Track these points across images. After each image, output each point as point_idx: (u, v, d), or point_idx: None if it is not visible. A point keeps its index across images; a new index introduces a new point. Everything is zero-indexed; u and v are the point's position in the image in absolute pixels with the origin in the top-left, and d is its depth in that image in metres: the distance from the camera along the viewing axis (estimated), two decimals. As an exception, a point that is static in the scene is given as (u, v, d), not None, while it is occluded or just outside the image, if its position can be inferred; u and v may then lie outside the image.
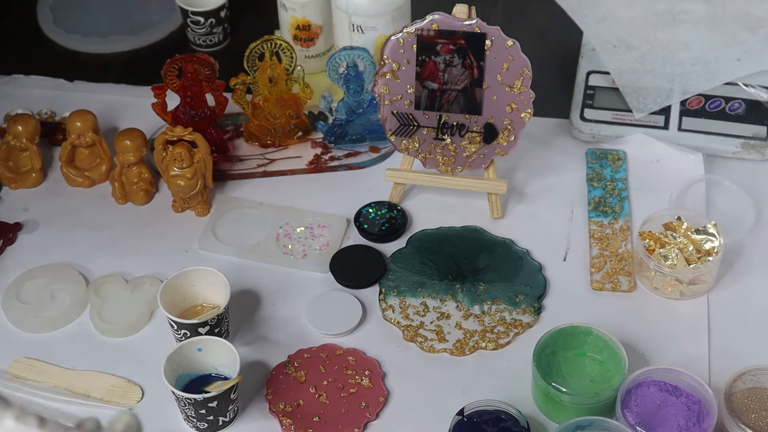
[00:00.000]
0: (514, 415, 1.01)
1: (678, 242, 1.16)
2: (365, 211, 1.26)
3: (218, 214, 1.27)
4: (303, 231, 1.24)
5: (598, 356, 1.08)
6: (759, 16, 1.34)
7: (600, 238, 1.22)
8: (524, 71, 1.16)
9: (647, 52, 1.33)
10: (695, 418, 1.01)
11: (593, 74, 1.34)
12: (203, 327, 1.08)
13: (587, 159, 1.32)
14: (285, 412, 1.07)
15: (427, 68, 1.18)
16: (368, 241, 1.24)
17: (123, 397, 1.09)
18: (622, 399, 1.02)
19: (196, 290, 1.13)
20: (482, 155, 1.22)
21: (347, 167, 1.32)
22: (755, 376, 1.04)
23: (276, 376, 1.10)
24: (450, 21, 1.15)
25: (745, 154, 1.31)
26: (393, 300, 1.17)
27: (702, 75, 1.30)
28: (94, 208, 1.28)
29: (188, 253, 1.23)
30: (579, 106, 1.34)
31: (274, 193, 1.29)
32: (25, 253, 1.23)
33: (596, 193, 1.27)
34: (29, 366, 1.11)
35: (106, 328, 1.14)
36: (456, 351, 1.12)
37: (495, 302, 1.16)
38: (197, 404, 1.02)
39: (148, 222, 1.27)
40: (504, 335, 1.13)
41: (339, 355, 1.11)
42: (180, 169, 1.23)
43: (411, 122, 1.21)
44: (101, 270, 1.21)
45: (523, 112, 1.18)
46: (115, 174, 1.27)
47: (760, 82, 1.30)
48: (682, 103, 1.31)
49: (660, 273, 1.15)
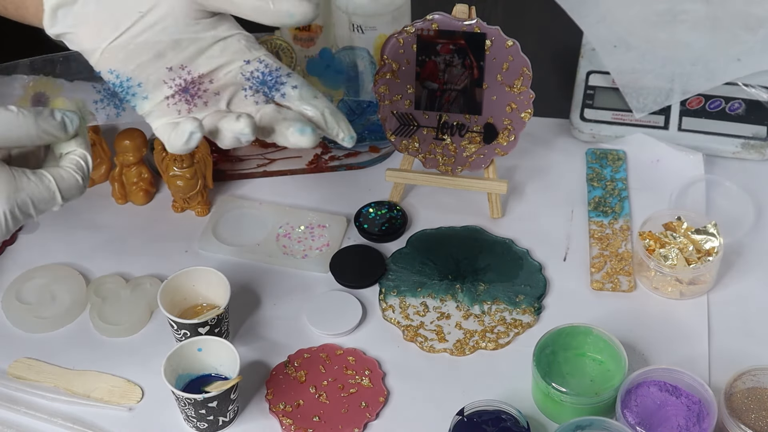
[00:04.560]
0: (514, 415, 1.01)
1: (678, 242, 1.16)
2: (365, 211, 1.26)
3: (218, 214, 1.27)
4: (303, 231, 1.24)
5: (598, 356, 1.08)
6: (759, 16, 1.34)
7: (600, 238, 1.22)
8: (524, 71, 1.16)
9: (647, 52, 1.33)
10: (695, 418, 1.01)
11: (593, 74, 1.34)
12: (203, 327, 1.08)
13: (587, 159, 1.32)
14: (285, 412, 1.07)
15: (427, 68, 1.18)
16: (368, 241, 1.24)
17: (123, 397, 1.09)
18: (622, 399, 1.02)
19: (196, 290, 1.13)
20: (482, 155, 1.22)
21: (347, 167, 1.32)
22: (755, 376, 1.04)
23: (276, 376, 1.10)
24: (450, 21, 1.15)
25: (745, 154, 1.31)
26: (393, 300, 1.17)
27: (702, 75, 1.30)
28: (94, 208, 1.28)
29: (188, 253, 1.23)
30: (579, 106, 1.34)
31: (274, 193, 1.30)
32: (25, 253, 1.23)
33: (596, 193, 1.28)
34: (29, 366, 1.11)
35: (106, 328, 1.14)
36: (456, 351, 1.12)
37: (495, 302, 1.16)
38: (197, 404, 1.02)
39: (148, 222, 1.27)
40: (504, 335, 1.13)
41: (339, 355, 1.12)
42: (180, 169, 1.23)
43: (411, 122, 1.22)
44: (101, 270, 1.21)
45: (523, 112, 1.18)
46: (115, 174, 1.27)
47: (760, 82, 1.30)
48: (682, 103, 1.31)
49: (660, 273, 1.15)
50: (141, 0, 0.94)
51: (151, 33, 0.94)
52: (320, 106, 0.97)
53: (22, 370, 1.11)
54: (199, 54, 0.96)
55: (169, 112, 0.97)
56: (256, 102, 0.98)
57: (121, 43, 0.95)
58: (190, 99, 0.97)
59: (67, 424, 1.06)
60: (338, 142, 0.98)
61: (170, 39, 0.95)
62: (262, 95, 0.98)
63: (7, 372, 1.11)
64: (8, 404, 1.08)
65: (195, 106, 0.97)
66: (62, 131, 0.92)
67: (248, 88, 0.98)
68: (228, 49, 0.97)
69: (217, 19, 0.96)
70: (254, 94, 0.98)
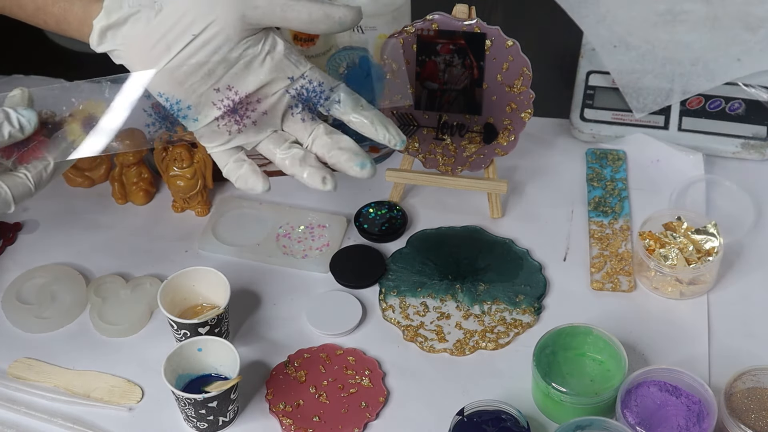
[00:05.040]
0: (514, 415, 1.01)
1: (678, 242, 1.16)
2: (365, 211, 1.26)
3: (218, 214, 1.27)
4: (303, 231, 1.24)
5: (598, 356, 1.08)
6: (759, 16, 1.34)
7: (600, 238, 1.22)
8: (524, 71, 1.16)
9: (647, 52, 1.33)
10: (695, 418, 1.01)
11: (593, 74, 1.34)
12: (203, 327, 1.08)
13: (587, 159, 1.32)
14: (285, 412, 1.07)
15: (427, 68, 1.18)
16: (368, 241, 1.24)
17: (123, 397, 1.08)
18: (622, 399, 1.02)
19: (196, 290, 1.13)
20: (482, 155, 1.22)
21: (347, 167, 1.32)
22: (755, 376, 1.04)
23: (276, 376, 1.10)
24: (450, 21, 1.15)
25: (745, 154, 1.31)
26: (393, 300, 1.17)
27: (702, 75, 1.30)
28: (94, 208, 1.28)
29: (188, 253, 1.23)
30: (579, 106, 1.34)
31: (274, 193, 1.29)
32: (25, 253, 1.23)
33: (596, 193, 1.28)
34: (29, 366, 1.11)
35: (106, 328, 1.14)
36: (456, 351, 1.12)
37: (495, 302, 1.16)
38: (197, 404, 1.02)
39: (148, 222, 1.27)
40: (504, 335, 1.13)
41: (339, 355, 1.12)
42: (180, 169, 1.23)
43: (411, 122, 1.22)
44: (101, 270, 1.21)
45: (523, 112, 1.18)
46: (115, 174, 1.27)
47: (760, 82, 1.30)
48: (682, 103, 1.31)
49: (660, 273, 1.15)
50: (193, 21, 0.94)
51: (203, 53, 0.95)
52: (368, 116, 1.01)
53: (22, 370, 1.11)
54: (247, 69, 0.97)
55: (220, 133, 1.00)
56: (303, 119, 1.01)
57: (175, 64, 0.96)
58: (239, 119, 0.99)
59: (67, 424, 1.06)
60: (389, 146, 1.02)
61: (221, 57, 0.96)
62: (308, 112, 1.00)
63: (7, 372, 1.11)
64: (8, 404, 1.08)
65: (244, 126, 0.99)
66: (20, 133, 0.95)
67: (295, 106, 1.00)
68: (275, 64, 0.98)
69: (264, 33, 0.97)
70: (302, 111, 1.00)
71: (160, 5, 0.95)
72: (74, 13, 0.97)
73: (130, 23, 0.95)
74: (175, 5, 0.94)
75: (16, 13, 1.00)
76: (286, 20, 0.95)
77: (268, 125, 1.01)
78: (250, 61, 0.97)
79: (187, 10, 0.94)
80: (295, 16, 0.95)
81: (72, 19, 0.98)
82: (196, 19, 0.94)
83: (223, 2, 0.94)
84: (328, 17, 0.95)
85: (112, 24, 0.95)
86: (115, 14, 0.95)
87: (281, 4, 0.94)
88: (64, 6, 0.97)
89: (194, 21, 0.94)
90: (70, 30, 0.99)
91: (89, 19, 0.96)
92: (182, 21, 0.94)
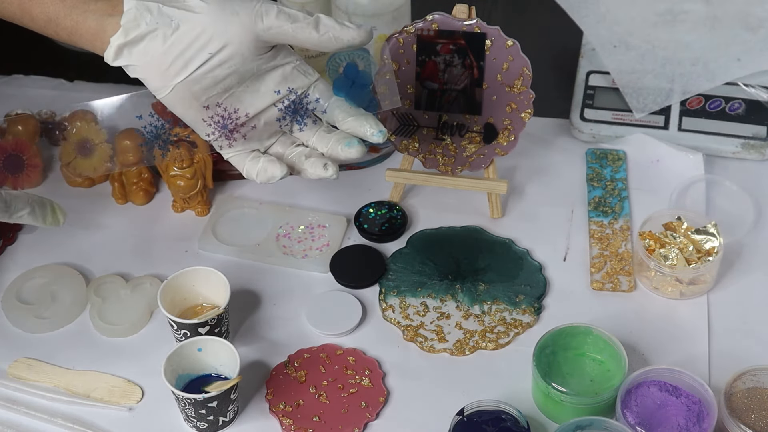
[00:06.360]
0: (514, 415, 1.01)
1: (678, 242, 1.16)
2: (365, 211, 1.26)
3: (218, 214, 1.27)
4: (303, 231, 1.24)
5: (598, 356, 1.08)
6: (759, 16, 1.34)
7: (600, 238, 1.22)
8: (524, 71, 1.16)
9: (647, 52, 1.33)
10: (695, 418, 1.01)
11: (593, 74, 1.34)
12: (203, 327, 1.08)
13: (587, 159, 1.32)
14: (285, 412, 1.07)
15: (427, 68, 1.18)
16: (368, 241, 1.24)
17: (123, 397, 1.09)
18: (622, 399, 1.02)
19: (196, 290, 1.13)
20: (482, 155, 1.22)
21: (347, 167, 1.32)
22: (755, 376, 1.04)
23: (276, 376, 1.10)
24: (450, 21, 1.15)
25: (745, 154, 1.31)
26: (393, 300, 1.17)
27: (702, 75, 1.30)
28: (94, 208, 1.28)
29: (188, 253, 1.23)
30: (579, 106, 1.34)
31: (274, 193, 1.29)
32: (25, 253, 1.23)
33: (596, 193, 1.28)
34: (29, 366, 1.11)
35: (106, 328, 1.14)
36: (456, 351, 1.12)
37: (495, 302, 1.16)
38: (197, 404, 1.02)
39: (148, 222, 1.27)
40: (504, 335, 1.13)
41: (339, 355, 1.12)
42: (180, 169, 1.23)
43: (411, 122, 1.22)
44: (101, 270, 1.21)
45: (523, 112, 1.18)
46: (115, 174, 1.27)
47: (760, 82, 1.30)
48: (682, 103, 1.31)
49: (660, 273, 1.15)
50: (209, 40, 0.97)
51: (219, 71, 0.98)
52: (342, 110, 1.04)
53: (22, 370, 1.11)
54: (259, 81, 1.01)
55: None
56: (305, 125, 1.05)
57: (192, 79, 0.98)
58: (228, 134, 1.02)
59: (67, 424, 1.06)
60: (368, 139, 1.04)
61: (236, 74, 0.99)
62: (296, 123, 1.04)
63: (7, 372, 1.11)
64: (8, 404, 1.08)
65: (235, 140, 1.03)
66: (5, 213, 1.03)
67: (282, 118, 1.03)
68: (287, 78, 1.02)
69: (277, 49, 1.01)
70: (290, 122, 1.04)
71: (177, 23, 0.96)
72: (87, 26, 0.98)
73: (147, 40, 0.97)
74: (192, 24, 0.96)
75: (27, 24, 1.01)
76: (297, 40, 0.99)
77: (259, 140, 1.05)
78: (262, 75, 1.01)
79: (203, 29, 0.96)
80: (306, 37, 0.98)
81: (84, 32, 0.99)
82: (213, 38, 0.96)
83: (237, 23, 0.96)
84: (338, 40, 0.99)
85: (129, 41, 0.97)
86: (132, 32, 0.96)
87: (293, 25, 0.97)
88: (76, 19, 0.98)
89: (211, 39, 0.96)
90: (81, 42, 1.00)
91: (102, 33, 0.97)
92: (199, 39, 0.96)
